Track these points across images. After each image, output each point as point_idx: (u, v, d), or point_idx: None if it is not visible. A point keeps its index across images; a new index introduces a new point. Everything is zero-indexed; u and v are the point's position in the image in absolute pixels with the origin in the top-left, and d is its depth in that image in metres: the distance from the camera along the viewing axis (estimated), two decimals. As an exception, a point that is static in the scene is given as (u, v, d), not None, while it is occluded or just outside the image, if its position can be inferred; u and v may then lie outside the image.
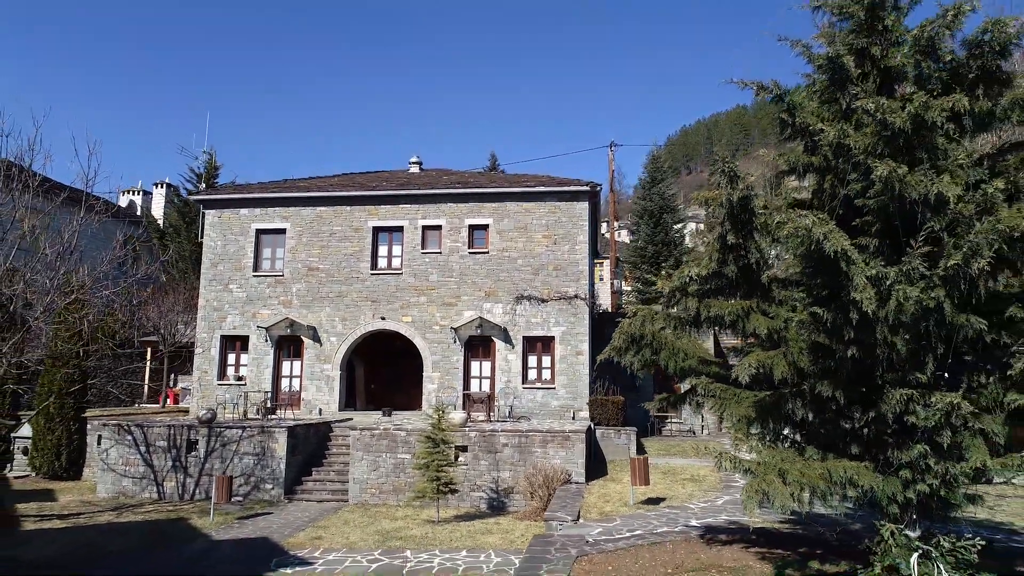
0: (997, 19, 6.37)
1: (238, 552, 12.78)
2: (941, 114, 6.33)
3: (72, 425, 21.44)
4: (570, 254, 22.46)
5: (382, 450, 17.72)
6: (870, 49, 7.77)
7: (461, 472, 16.94)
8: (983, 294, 6.54)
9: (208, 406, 20.76)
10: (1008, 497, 15.81)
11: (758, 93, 7.66)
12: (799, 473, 6.74)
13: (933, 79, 7.09)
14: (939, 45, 6.89)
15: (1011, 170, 7.37)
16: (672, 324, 7.85)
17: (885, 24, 7.86)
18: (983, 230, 6.02)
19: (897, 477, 7.17)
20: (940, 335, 6.68)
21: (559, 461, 17.16)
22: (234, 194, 24.67)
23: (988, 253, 5.96)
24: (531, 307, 22.34)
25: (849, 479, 7.01)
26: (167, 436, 18.70)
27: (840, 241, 6.03)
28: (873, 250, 6.97)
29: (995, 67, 6.72)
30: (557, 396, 21.96)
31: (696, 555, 9.74)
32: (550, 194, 22.90)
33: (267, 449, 18.18)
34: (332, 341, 23.03)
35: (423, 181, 25.07)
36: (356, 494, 17.49)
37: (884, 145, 6.63)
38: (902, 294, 6.03)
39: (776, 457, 6.97)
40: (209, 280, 23.91)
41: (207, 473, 18.20)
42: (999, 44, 6.53)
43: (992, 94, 6.87)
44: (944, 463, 6.85)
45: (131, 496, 18.37)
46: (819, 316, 6.57)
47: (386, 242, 23.59)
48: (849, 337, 6.51)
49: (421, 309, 22.81)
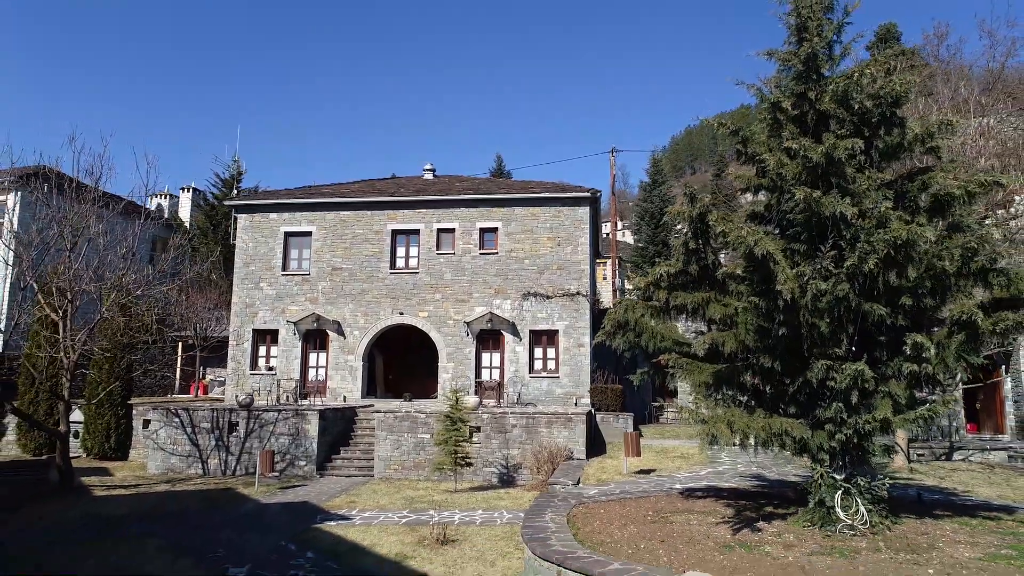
0: (889, 78, 8.43)
1: (286, 511, 14.91)
2: (845, 151, 8.38)
3: (120, 411, 23.68)
4: (572, 255, 24.53)
5: (404, 430, 19.83)
6: (807, 93, 9.82)
7: (475, 450, 19.01)
8: (881, 287, 8.61)
9: (247, 391, 22.91)
10: (960, 471, 17.86)
11: (723, 124, 9.69)
12: (744, 424, 8.80)
13: (847, 122, 9.13)
14: (850, 96, 8.92)
15: (914, 191, 9.44)
16: (649, 312, 9.92)
17: (820, 73, 9.92)
18: (875, 239, 8.08)
19: (823, 430, 9.23)
20: (851, 318, 8.75)
21: (562, 440, 19.25)
22: (264, 200, 26.85)
23: (876, 256, 8.02)
24: (537, 303, 24.41)
25: (785, 431, 9.07)
26: (210, 419, 20.84)
27: (767, 245, 8.09)
28: (802, 252, 9.03)
29: (891, 113, 8.77)
30: (561, 384, 24.03)
31: (674, 504, 11.80)
32: (554, 199, 24.99)
33: (300, 430, 20.30)
34: (355, 334, 25.16)
35: (437, 188, 27.16)
36: (381, 470, 19.60)
37: (807, 174, 8.69)
38: (815, 287, 8.09)
39: (727, 413, 9.02)
40: (242, 279, 26.07)
41: (247, 452, 20.34)
42: (891, 97, 8.58)
43: (893, 133, 8.92)
44: (855, 417, 8.89)
45: (179, 472, 20.52)
46: (757, 304, 8.63)
47: (404, 244, 25.69)
48: (779, 320, 8.57)
49: (436, 305, 24.91)
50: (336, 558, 10.87)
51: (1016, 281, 8.38)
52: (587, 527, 9.87)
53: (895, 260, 8.26)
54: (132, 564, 10.62)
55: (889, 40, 65.28)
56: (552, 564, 8.09)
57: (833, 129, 9.48)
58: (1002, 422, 22.97)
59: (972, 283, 8.61)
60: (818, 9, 10.11)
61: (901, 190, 9.49)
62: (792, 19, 10.23)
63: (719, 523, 10.04)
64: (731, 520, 10.18)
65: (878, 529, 9.06)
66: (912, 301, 8.73)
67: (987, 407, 23.80)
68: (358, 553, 11.18)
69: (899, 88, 8.51)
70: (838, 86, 8.95)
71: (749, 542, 8.90)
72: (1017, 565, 7.82)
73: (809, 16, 10.04)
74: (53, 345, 18.11)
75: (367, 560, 10.81)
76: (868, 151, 9.07)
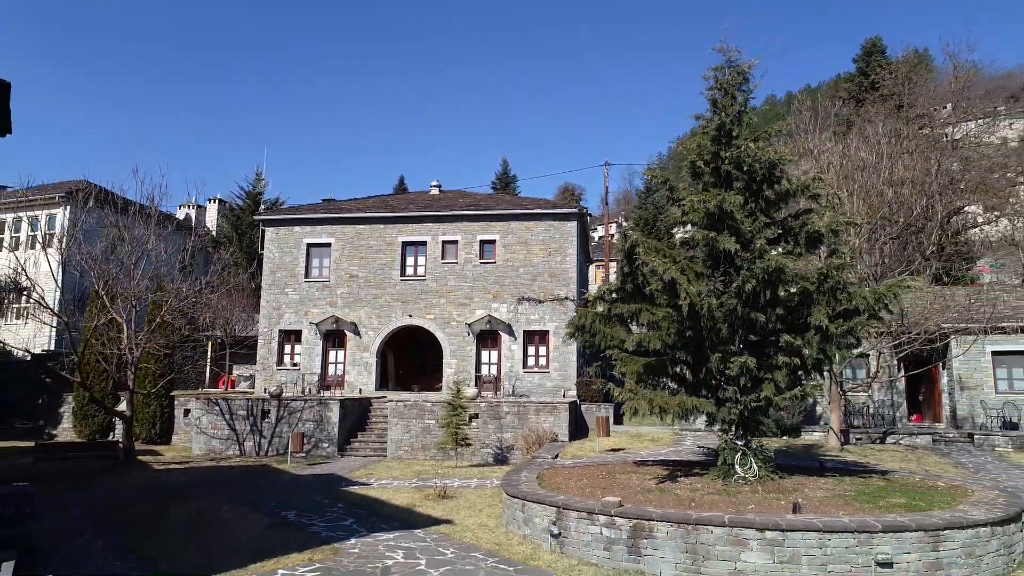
0: (766, 148, 11.63)
1: (317, 480, 18.19)
2: (734, 204, 11.55)
3: (164, 401, 27.09)
4: (561, 264, 27.75)
5: (413, 417, 23.12)
6: (720, 153, 12.98)
7: (473, 434, 22.25)
8: (763, 301, 11.80)
9: (277, 383, 26.27)
10: (885, 452, 20.94)
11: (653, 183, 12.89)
12: (663, 401, 12.00)
13: (740, 179, 12.29)
14: (742, 160, 12.09)
15: (797, 227, 12.61)
16: (599, 319, 13.10)
17: (731, 136, 13.09)
18: (755, 267, 11.26)
19: (724, 406, 12.41)
20: (741, 324, 11.93)
21: (548, 425, 22.50)
22: (289, 215, 30.22)
23: (755, 279, 11.20)
24: (530, 307, 27.63)
25: (695, 407, 12.27)
26: (245, 407, 24.20)
27: (672, 272, 11.27)
28: (707, 275, 12.22)
29: (770, 173, 11.96)
30: (551, 378, 27.25)
31: (625, 469, 14.98)
32: (546, 215, 28.23)
33: (323, 417, 23.63)
34: (369, 334, 28.46)
35: (443, 203, 30.44)
36: (393, 451, 22.89)
37: (708, 218, 11.88)
38: (709, 302, 11.28)
39: (651, 393, 12.21)
40: (269, 285, 29.43)
41: (277, 435, 23.68)
42: (768, 162, 11.79)
43: (776, 187, 12.12)
44: (747, 396, 12.07)
45: (219, 453, 23.86)
46: (670, 314, 11.82)
47: (412, 254, 28.98)
48: (688, 325, 11.76)
49: (441, 308, 28.18)
50: (362, 507, 14.14)
51: (854, 297, 11.52)
52: (551, 481, 13.08)
53: (770, 281, 11.42)
54: (208, 511, 13.90)
55: (874, 53, 68.23)
56: (518, 499, 11.34)
57: (734, 183, 12.66)
58: (939, 412, 26.06)
59: (827, 298, 11.77)
60: (733, 84, 13.31)
61: (787, 227, 12.66)
62: (711, 93, 13.41)
63: (652, 479, 13.22)
64: (662, 477, 13.35)
65: (764, 481, 12.21)
66: (784, 311, 11.90)
67: (928, 399, 26.91)
68: (378, 504, 14.46)
69: (773, 156, 11.68)
70: (732, 153, 12.12)
71: (666, 488, 12.09)
72: (848, 499, 10.98)
73: (726, 88, 13.23)
74: (117, 344, 21.49)
75: (385, 508, 14.07)
76: (757, 199, 12.26)
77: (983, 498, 10.98)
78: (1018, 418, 23.61)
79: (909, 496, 11.28)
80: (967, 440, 22.73)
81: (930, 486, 12.45)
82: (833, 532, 8.82)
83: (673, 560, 9.26)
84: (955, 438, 23.01)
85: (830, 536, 8.81)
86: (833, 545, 8.78)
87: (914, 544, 8.87)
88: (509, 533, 11.58)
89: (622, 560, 9.59)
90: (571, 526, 10.27)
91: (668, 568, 9.27)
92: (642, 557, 9.48)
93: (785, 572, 8.77)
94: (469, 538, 11.35)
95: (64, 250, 23.22)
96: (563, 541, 10.32)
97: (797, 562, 8.80)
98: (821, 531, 8.85)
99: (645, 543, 9.48)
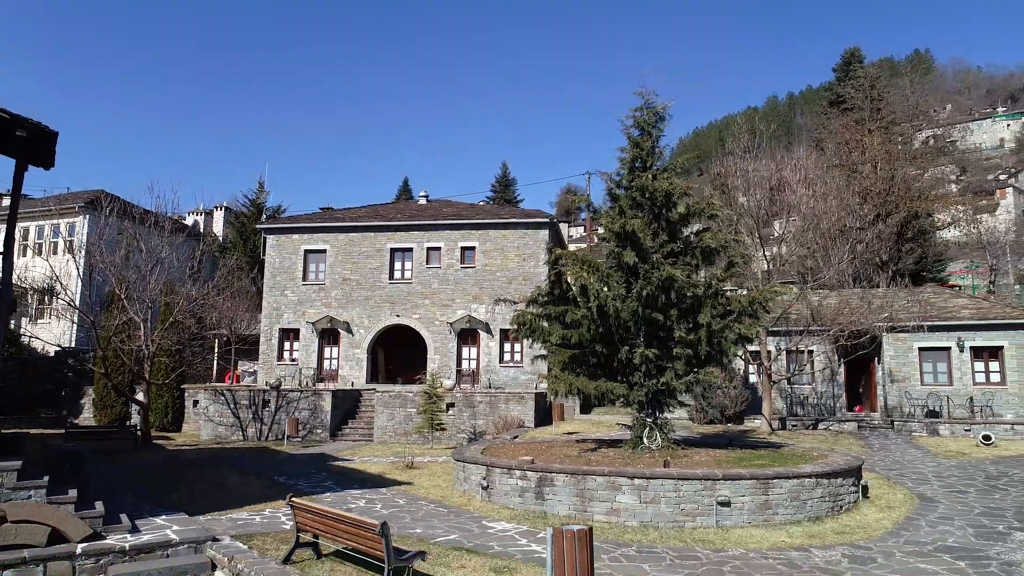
0: (664, 180, 14.47)
1: (309, 458, 21.08)
2: (636, 226, 14.33)
3: (175, 393, 30.06)
4: (534, 268, 30.55)
5: (396, 405, 26.00)
6: (634, 181, 15.78)
7: (449, 420, 25.12)
8: (662, 303, 14.61)
9: (277, 376, 29.21)
10: (810, 436, 23.64)
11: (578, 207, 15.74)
12: (582, 384, 14.82)
13: (646, 204, 15.09)
14: (646, 189, 14.87)
15: (694, 245, 15.42)
16: (536, 317, 15.92)
17: (647, 165, 15.88)
18: (652, 277, 14.06)
19: (634, 390, 15.21)
20: (645, 322, 14.74)
21: (516, 413, 25.34)
22: (288, 224, 33.17)
23: (651, 287, 13.99)
24: (506, 307, 30.14)
25: (610, 390, 15.09)
26: (248, 397, 27.12)
27: (586, 279, 14.07)
28: (618, 281, 15.01)
29: (667, 199, 14.79)
30: (524, 372, 30.06)
31: (565, 445, 17.79)
32: (520, 224, 31.08)
33: (318, 406, 26.53)
34: (361, 332, 31.35)
35: (429, 213, 33.32)
36: (378, 435, 25.76)
37: (618, 238, 14.69)
38: (613, 305, 14.08)
39: (571, 377, 15.02)
40: (270, 287, 32.37)
41: (276, 422, 26.59)
42: (664, 191, 14.61)
43: (671, 211, 14.93)
44: (651, 381, 14.86)
45: (224, 438, 26.78)
46: (587, 313, 14.64)
47: (400, 259, 31.86)
48: (598, 323, 14.57)
49: (426, 309, 31.05)
50: (342, 475, 17.04)
51: (731, 301, 14.33)
52: (495, 452, 15.91)
53: (665, 288, 14.24)
54: (217, 476, 16.81)
55: (853, 63, 70.95)
56: (461, 462, 14.21)
57: (643, 207, 15.46)
58: (875, 402, 28.78)
59: (712, 302, 14.55)
60: (649, 123, 16.11)
61: (688, 243, 15.48)
62: (630, 130, 16.22)
63: (582, 451, 16.04)
64: (590, 450, 16.17)
65: (664, 450, 15.00)
66: (678, 312, 14.71)
67: (866, 391, 29.62)
68: (355, 472, 17.37)
69: (667, 187, 14.51)
70: (638, 182, 14.94)
71: (585, 456, 14.91)
72: (721, 462, 13.74)
73: (643, 127, 16.04)
74: (134, 340, 24.45)
75: (360, 476, 16.96)
76: (659, 221, 15.08)
77: (832, 461, 13.75)
78: (939, 407, 26.29)
79: (774, 460, 14.06)
80: (888, 427, 25.45)
81: (802, 455, 15.22)
82: (685, 480, 11.63)
83: (568, 502, 12.10)
84: (879, 424, 25.74)
85: (683, 483, 11.62)
86: (685, 489, 11.59)
87: (748, 489, 11.68)
88: (454, 490, 14.46)
89: (531, 504, 12.44)
90: (496, 480, 13.13)
91: (564, 508, 12.11)
92: (545, 501, 12.32)
93: (649, 509, 11.58)
94: (421, 493, 14.24)
95: (89, 258, 26.20)
96: (490, 492, 13.18)
97: (658, 502, 11.61)
98: (676, 479, 11.66)
99: (548, 490, 12.32)
